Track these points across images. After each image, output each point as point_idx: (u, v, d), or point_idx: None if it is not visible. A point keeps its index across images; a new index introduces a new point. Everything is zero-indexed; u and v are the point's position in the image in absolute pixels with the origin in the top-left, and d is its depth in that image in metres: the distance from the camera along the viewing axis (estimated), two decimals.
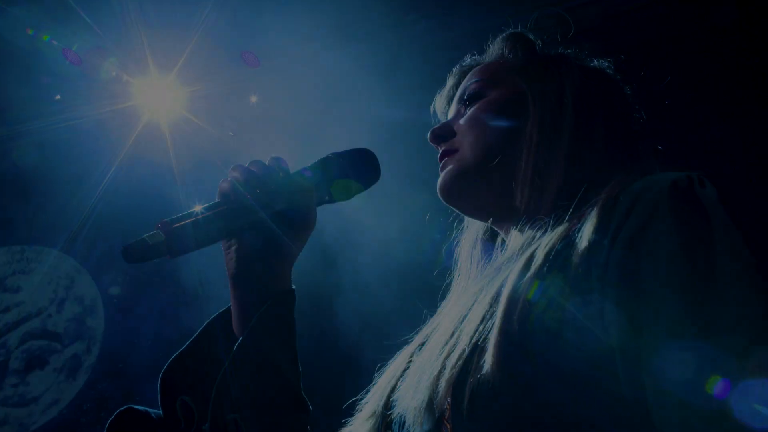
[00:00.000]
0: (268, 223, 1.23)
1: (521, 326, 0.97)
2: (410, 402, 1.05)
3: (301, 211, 1.26)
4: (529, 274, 1.02)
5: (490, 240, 1.46)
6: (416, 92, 3.66)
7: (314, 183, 1.28)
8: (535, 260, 1.04)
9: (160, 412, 1.22)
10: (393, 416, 1.23)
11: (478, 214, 1.39)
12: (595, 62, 1.37)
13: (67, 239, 4.44)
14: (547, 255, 1.04)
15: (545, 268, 1.02)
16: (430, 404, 1.01)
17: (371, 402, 1.29)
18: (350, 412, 1.33)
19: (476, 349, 0.99)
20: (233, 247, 1.28)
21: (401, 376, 1.28)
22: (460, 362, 1.00)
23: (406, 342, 1.34)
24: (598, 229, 1.00)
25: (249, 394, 1.15)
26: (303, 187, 1.27)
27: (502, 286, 1.05)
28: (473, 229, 1.48)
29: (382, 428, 1.24)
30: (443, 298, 1.39)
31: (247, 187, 1.21)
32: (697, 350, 0.85)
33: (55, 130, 4.32)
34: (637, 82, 1.34)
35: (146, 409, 1.24)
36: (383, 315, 3.48)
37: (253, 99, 4.30)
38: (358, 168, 1.33)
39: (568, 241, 1.05)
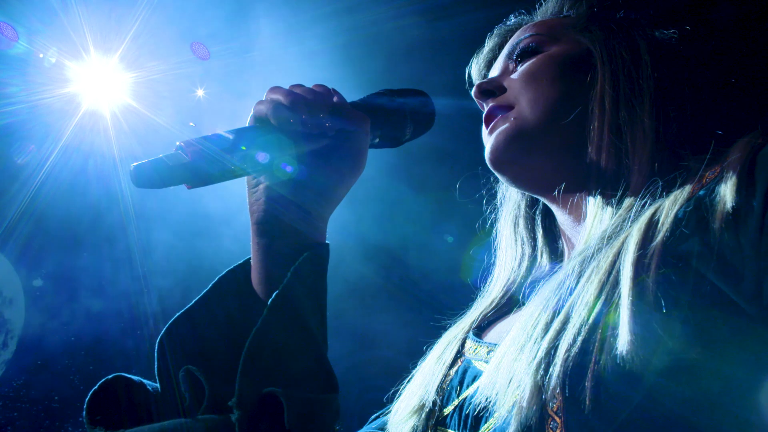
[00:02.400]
0: (312, 159, 0.97)
1: (658, 299, 0.78)
2: (503, 390, 0.84)
3: (353, 148, 1.01)
4: (657, 240, 0.84)
5: (531, 216, 1.25)
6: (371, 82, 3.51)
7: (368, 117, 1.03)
8: (660, 224, 0.86)
9: (157, 384, 0.95)
10: (447, 411, 1.00)
11: (536, 183, 1.16)
12: (656, 32, 1.18)
13: None
14: (675, 218, 0.86)
15: (678, 233, 0.84)
16: (537, 392, 0.79)
17: (415, 393, 1.06)
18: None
19: (599, 325, 0.80)
20: (262, 186, 1.02)
21: (452, 363, 1.05)
22: (579, 339, 0.79)
23: (443, 327, 1.12)
24: (741, 191, 0.83)
25: (284, 365, 0.91)
26: (359, 118, 1.01)
27: (620, 254, 0.85)
28: (511, 204, 1.28)
29: (433, 425, 1.01)
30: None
31: (292, 112, 0.95)
32: None
33: None
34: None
35: (140, 379, 0.97)
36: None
37: (200, 92, 4.00)
38: (413, 109, 1.09)
39: (696, 204, 0.87)
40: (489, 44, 1.32)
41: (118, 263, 4.02)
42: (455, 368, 1.08)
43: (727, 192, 0.83)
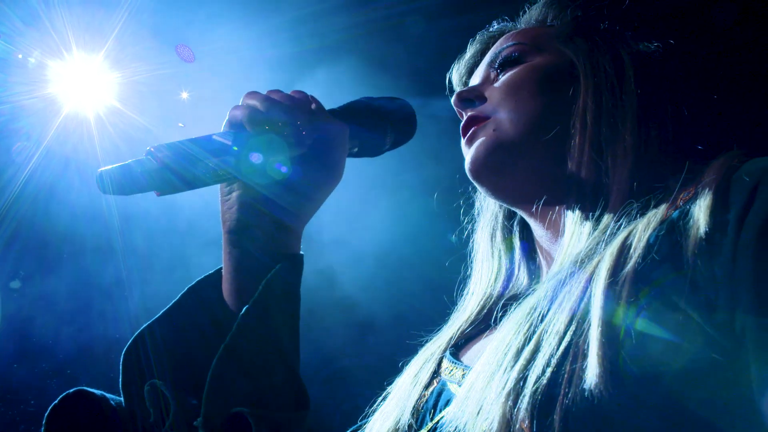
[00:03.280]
0: (289, 166, 0.94)
1: (629, 329, 0.75)
2: (472, 420, 0.80)
3: (330, 157, 0.98)
4: (629, 267, 0.81)
5: (508, 229, 1.22)
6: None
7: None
8: (632, 249, 0.83)
9: (121, 398, 0.92)
10: None
11: (516, 196, 1.13)
12: (640, 45, 1.15)
13: None
14: (647, 243, 0.83)
15: (649, 259, 0.80)
16: (505, 425, 0.76)
17: (390, 414, 1.03)
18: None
19: (568, 355, 0.76)
20: (235, 193, 0.99)
21: (429, 383, 1.02)
22: (548, 370, 0.76)
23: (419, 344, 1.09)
24: (714, 215, 0.80)
25: (253, 383, 0.87)
26: (337, 127, 0.98)
27: (592, 280, 0.82)
28: (489, 215, 1.25)
29: None
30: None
31: (269, 118, 0.92)
32: None
33: None
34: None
35: (103, 393, 0.94)
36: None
37: (185, 95, 3.95)
38: (394, 118, 1.06)
39: (668, 227, 0.84)
40: (471, 50, 1.30)
41: (100, 267, 3.97)
42: (431, 389, 1.05)
43: (701, 216, 0.80)
